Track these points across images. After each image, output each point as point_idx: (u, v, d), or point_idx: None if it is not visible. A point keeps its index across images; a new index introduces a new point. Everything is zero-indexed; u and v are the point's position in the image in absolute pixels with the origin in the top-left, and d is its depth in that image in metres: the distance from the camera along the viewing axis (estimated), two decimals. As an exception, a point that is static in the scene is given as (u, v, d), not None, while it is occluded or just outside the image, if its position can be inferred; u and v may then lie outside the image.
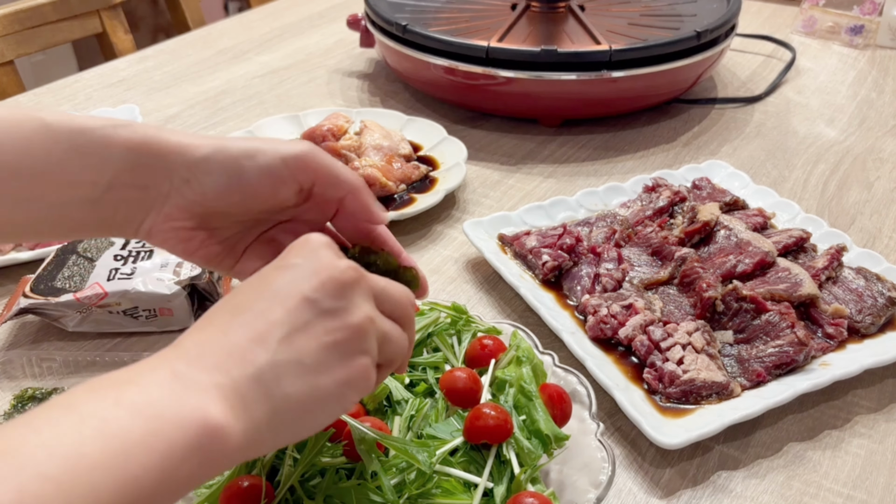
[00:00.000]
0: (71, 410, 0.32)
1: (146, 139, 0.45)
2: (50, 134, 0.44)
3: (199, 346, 0.37)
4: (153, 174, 0.46)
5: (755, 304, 0.71)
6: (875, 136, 1.11)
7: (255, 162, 0.46)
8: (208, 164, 0.46)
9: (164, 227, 0.48)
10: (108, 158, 0.45)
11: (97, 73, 1.30)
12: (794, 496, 0.60)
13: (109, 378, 0.34)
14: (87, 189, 0.45)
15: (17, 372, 0.69)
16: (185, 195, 0.46)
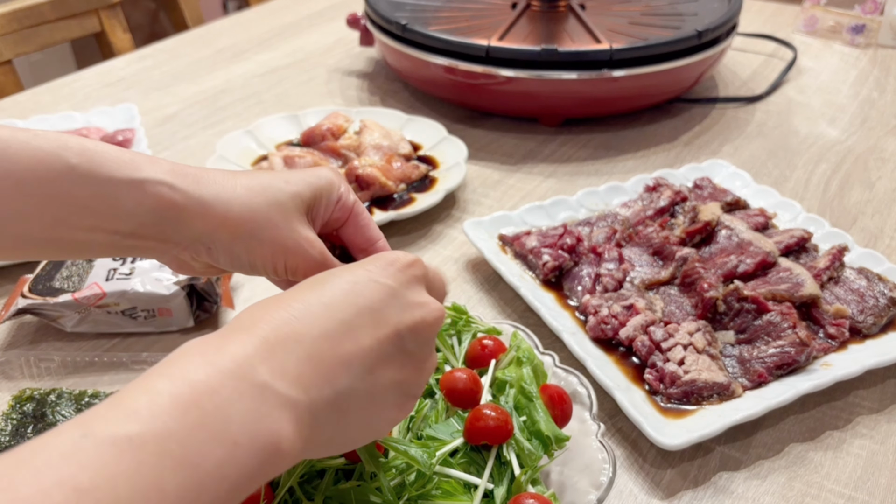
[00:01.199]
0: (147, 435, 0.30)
1: (174, 203, 0.45)
2: (74, 180, 0.43)
3: (282, 345, 0.36)
4: (176, 234, 0.46)
5: (756, 304, 0.71)
6: (877, 136, 1.11)
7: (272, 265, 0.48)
8: (230, 247, 0.47)
9: (179, 265, 0.49)
10: (132, 213, 0.45)
11: (96, 72, 1.30)
12: (796, 497, 0.60)
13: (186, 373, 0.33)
14: (108, 235, 0.45)
15: (16, 373, 0.68)
16: (202, 256, 0.48)
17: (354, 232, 0.51)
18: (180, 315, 0.73)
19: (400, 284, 0.41)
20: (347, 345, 0.37)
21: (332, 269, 0.43)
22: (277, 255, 0.47)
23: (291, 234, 0.47)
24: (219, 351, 0.34)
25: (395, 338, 0.39)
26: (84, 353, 0.70)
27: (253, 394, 0.33)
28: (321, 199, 0.49)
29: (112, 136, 1.02)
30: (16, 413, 0.64)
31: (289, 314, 0.37)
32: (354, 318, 0.38)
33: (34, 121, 1.06)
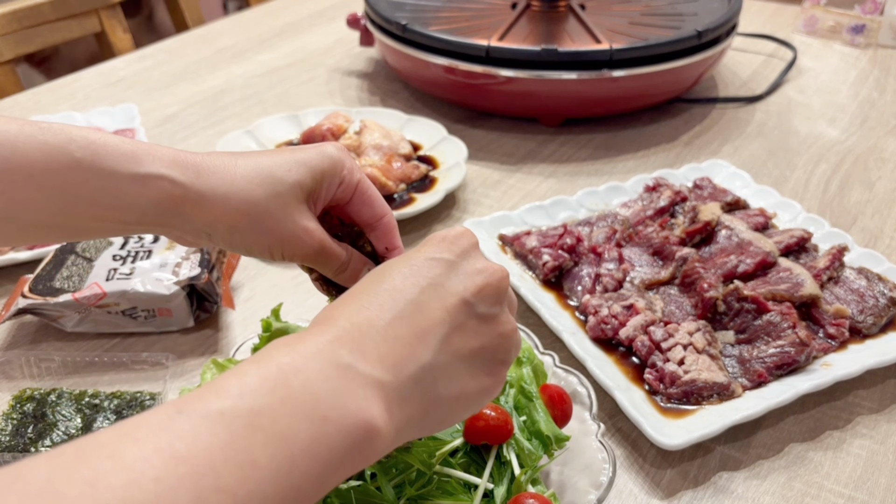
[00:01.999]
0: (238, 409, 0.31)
1: (176, 197, 0.47)
2: (80, 174, 0.45)
3: (360, 331, 0.37)
4: (178, 224, 0.48)
5: (756, 304, 0.71)
6: (877, 136, 1.11)
7: (269, 254, 0.50)
8: (230, 237, 0.49)
9: (185, 243, 0.51)
10: (135, 205, 0.47)
11: (96, 72, 1.30)
12: (796, 497, 0.60)
13: (272, 358, 0.34)
14: (114, 224, 0.48)
15: (16, 373, 0.68)
16: (203, 241, 0.50)
17: (360, 209, 0.53)
18: (180, 315, 0.73)
19: (455, 255, 0.42)
20: (419, 320, 0.38)
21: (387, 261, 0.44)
22: (274, 246, 0.49)
23: (289, 225, 0.49)
24: (301, 341, 0.36)
25: (464, 305, 0.40)
26: (84, 353, 0.70)
27: (338, 374, 0.34)
28: (323, 182, 0.50)
29: (112, 136, 1.02)
30: (16, 413, 0.64)
31: (359, 304, 0.38)
32: (420, 295, 0.39)
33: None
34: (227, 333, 0.75)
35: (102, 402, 0.64)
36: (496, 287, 0.42)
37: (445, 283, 0.40)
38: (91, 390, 0.66)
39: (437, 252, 0.42)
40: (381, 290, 0.39)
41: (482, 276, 0.41)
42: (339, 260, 0.51)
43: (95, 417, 0.63)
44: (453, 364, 0.39)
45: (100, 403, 0.64)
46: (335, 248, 0.51)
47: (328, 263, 0.51)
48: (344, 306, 0.39)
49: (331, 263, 0.51)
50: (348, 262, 0.52)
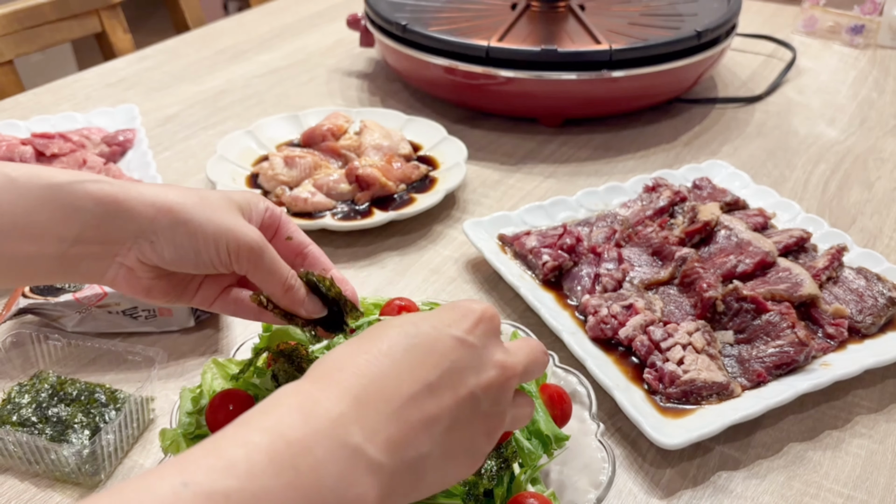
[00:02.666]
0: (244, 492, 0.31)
1: (115, 196, 0.46)
2: (16, 189, 0.45)
3: (375, 407, 0.37)
4: (119, 231, 0.47)
5: (756, 304, 0.71)
6: (876, 136, 1.11)
7: (214, 249, 0.48)
8: (172, 236, 0.47)
9: (126, 278, 0.49)
10: (75, 213, 0.46)
11: (96, 72, 1.30)
12: (795, 496, 0.60)
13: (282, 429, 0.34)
14: (53, 244, 0.46)
15: (15, 368, 0.69)
16: (146, 255, 0.48)
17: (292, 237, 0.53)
18: (181, 315, 0.73)
19: (478, 340, 0.41)
20: (430, 407, 0.38)
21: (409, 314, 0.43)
22: (219, 238, 0.47)
23: (227, 217, 0.48)
24: (314, 405, 0.35)
25: (471, 399, 0.40)
26: (85, 339, 0.70)
27: (345, 456, 0.34)
28: (249, 204, 0.51)
29: (113, 137, 1.02)
30: (33, 390, 0.64)
31: (378, 370, 0.38)
32: (438, 379, 0.39)
33: (35, 121, 1.06)
34: (228, 333, 0.75)
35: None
36: (503, 386, 0.42)
37: (463, 371, 0.40)
38: (69, 377, 0.66)
39: (466, 333, 0.41)
40: (404, 361, 0.39)
41: (496, 371, 0.41)
42: (284, 268, 0.50)
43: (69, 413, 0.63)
44: (445, 455, 0.39)
45: (76, 396, 0.64)
46: (277, 255, 0.50)
47: (274, 269, 0.49)
48: (361, 363, 0.38)
49: (278, 270, 0.49)
50: (294, 279, 0.50)
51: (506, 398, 0.42)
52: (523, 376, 0.44)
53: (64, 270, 0.48)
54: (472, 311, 0.43)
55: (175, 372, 0.71)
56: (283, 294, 0.50)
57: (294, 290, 0.50)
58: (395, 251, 0.87)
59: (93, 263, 0.48)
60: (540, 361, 0.45)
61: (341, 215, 0.90)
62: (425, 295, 0.80)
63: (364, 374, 0.38)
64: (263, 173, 0.95)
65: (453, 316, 0.42)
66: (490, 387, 0.41)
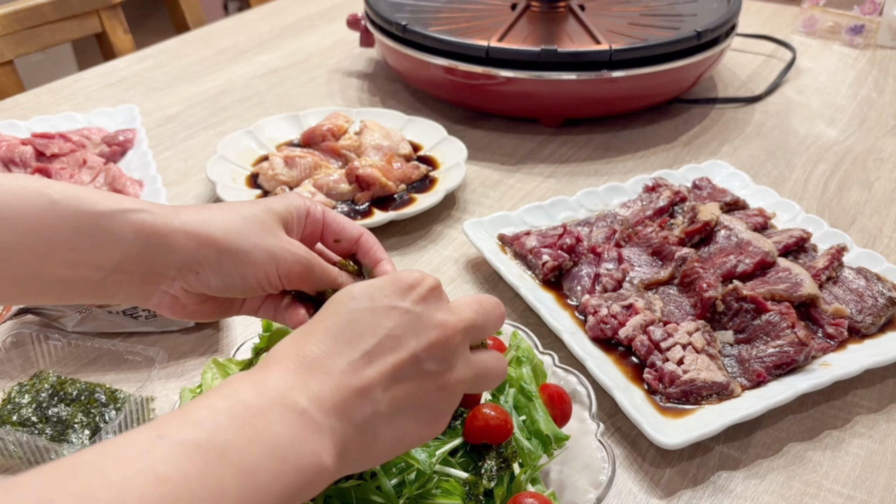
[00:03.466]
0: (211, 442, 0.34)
1: (157, 229, 0.46)
2: (57, 214, 0.44)
3: (317, 377, 0.39)
4: (161, 262, 0.47)
5: (755, 304, 0.71)
6: (875, 136, 1.11)
7: (264, 274, 0.49)
8: (218, 266, 0.48)
9: (170, 305, 0.50)
10: (116, 244, 0.46)
11: (97, 72, 1.30)
12: (795, 496, 0.60)
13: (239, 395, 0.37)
14: (92, 271, 0.46)
15: (15, 368, 0.69)
16: (192, 285, 0.48)
17: (337, 234, 0.54)
18: (181, 315, 0.74)
19: (416, 306, 0.43)
20: (368, 372, 0.40)
21: (349, 286, 0.45)
22: (268, 262, 0.48)
23: (274, 239, 0.49)
24: (264, 381, 0.39)
25: (413, 359, 0.42)
26: (86, 339, 0.70)
27: (295, 419, 0.37)
28: (292, 212, 0.51)
29: (113, 137, 1.03)
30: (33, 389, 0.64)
31: (319, 349, 0.41)
32: (375, 347, 0.41)
33: (35, 121, 1.06)
34: (228, 333, 0.75)
35: (80, 394, 0.64)
36: (445, 345, 0.43)
37: (401, 337, 0.42)
38: (70, 377, 0.66)
39: (399, 299, 0.43)
40: (339, 335, 0.41)
41: (436, 331, 0.43)
42: (332, 275, 0.51)
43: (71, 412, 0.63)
44: (394, 414, 0.41)
45: (76, 396, 0.64)
46: (323, 262, 0.51)
47: (323, 279, 0.51)
48: (302, 346, 0.41)
49: (326, 279, 0.51)
50: (340, 280, 0.52)
51: (454, 355, 0.43)
52: (470, 331, 0.44)
53: (101, 296, 0.48)
54: (406, 282, 0.44)
55: (175, 372, 0.71)
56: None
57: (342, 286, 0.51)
58: (395, 251, 0.87)
59: (134, 290, 0.48)
60: (491, 314, 0.46)
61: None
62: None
63: (307, 354, 0.40)
64: (263, 173, 0.95)
65: (391, 287, 0.43)
66: (431, 346, 0.42)
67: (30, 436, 0.59)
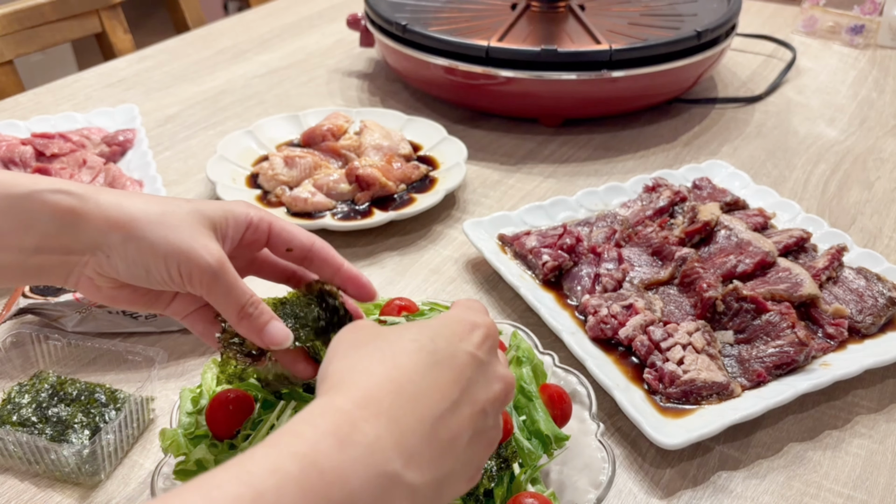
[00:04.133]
0: None
1: (72, 208, 0.46)
2: None
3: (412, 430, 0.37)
4: (75, 243, 0.46)
5: (756, 304, 0.71)
6: (875, 136, 1.11)
7: (165, 268, 0.46)
8: (124, 251, 0.46)
9: (88, 285, 0.49)
10: (33, 224, 0.45)
11: (97, 72, 1.30)
12: (795, 496, 0.60)
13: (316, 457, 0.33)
14: (13, 253, 0.46)
15: (15, 368, 0.69)
16: (103, 267, 0.47)
17: (287, 243, 0.51)
18: (181, 315, 0.73)
19: (485, 355, 0.43)
20: (454, 424, 0.39)
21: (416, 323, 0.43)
22: (170, 258, 0.46)
23: (186, 237, 0.46)
24: (352, 430, 0.35)
25: (483, 414, 0.41)
26: (86, 339, 0.70)
27: (382, 484, 0.34)
28: (228, 217, 0.49)
29: (113, 137, 1.02)
30: (33, 389, 0.64)
31: (410, 389, 0.38)
32: (459, 396, 0.40)
33: (35, 121, 1.06)
34: (228, 333, 0.75)
35: (80, 394, 0.64)
36: (505, 399, 0.43)
37: (475, 387, 0.41)
38: (69, 378, 0.66)
39: (476, 348, 0.42)
40: (430, 379, 0.39)
41: (500, 384, 0.42)
42: (241, 294, 0.47)
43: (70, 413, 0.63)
44: (463, 470, 0.40)
45: (76, 396, 0.64)
46: (239, 279, 0.47)
47: (230, 294, 0.47)
48: (395, 380, 0.38)
49: (233, 295, 0.47)
50: (252, 306, 0.47)
51: (503, 408, 0.43)
52: None
53: (27, 277, 0.48)
54: (478, 326, 0.44)
55: (175, 372, 0.71)
56: (238, 321, 0.47)
57: (252, 318, 0.47)
58: (395, 251, 0.87)
59: (54, 271, 0.48)
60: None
61: (341, 215, 0.90)
62: (425, 295, 0.80)
63: (398, 392, 0.37)
64: (263, 173, 0.95)
65: (462, 330, 0.43)
66: (496, 400, 0.42)
67: (30, 436, 0.59)
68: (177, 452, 0.54)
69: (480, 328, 0.43)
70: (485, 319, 0.44)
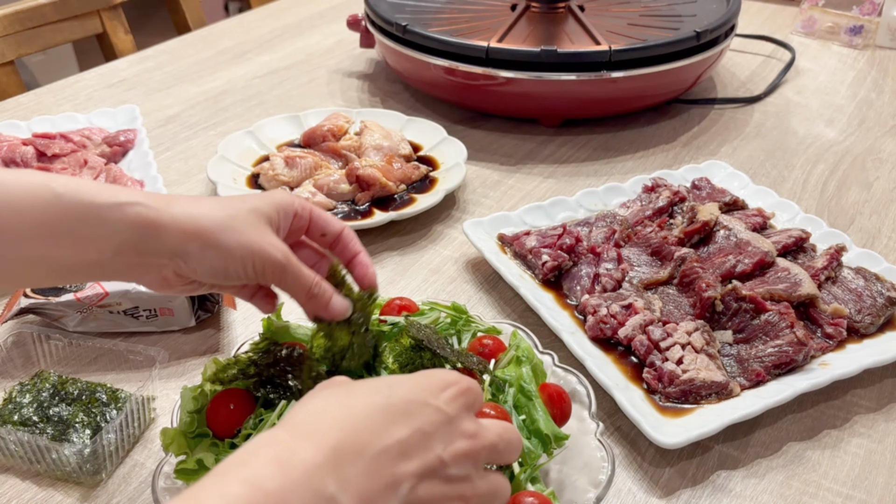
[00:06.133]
0: None
1: (150, 220, 0.50)
2: (61, 205, 0.48)
3: (349, 458, 0.38)
4: (155, 250, 0.51)
5: (754, 303, 0.71)
6: (874, 137, 1.11)
7: (241, 268, 0.52)
8: (202, 258, 0.51)
9: (161, 284, 0.54)
10: (113, 234, 0.49)
11: (98, 73, 1.30)
12: (794, 496, 0.60)
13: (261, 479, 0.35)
14: (93, 257, 0.50)
15: (16, 368, 0.69)
16: (182, 269, 0.52)
17: (322, 229, 0.57)
18: (182, 315, 0.74)
19: (454, 412, 0.43)
20: (400, 465, 0.40)
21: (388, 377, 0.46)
22: (246, 259, 0.51)
23: (254, 237, 0.52)
24: (292, 456, 0.37)
25: (439, 464, 0.42)
26: (86, 339, 0.71)
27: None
28: (279, 211, 0.54)
29: (114, 137, 1.03)
30: (35, 389, 0.64)
31: (353, 422, 0.40)
32: (409, 438, 0.41)
33: (36, 121, 1.06)
34: (229, 333, 0.75)
35: (81, 394, 0.65)
36: (475, 457, 0.43)
37: (434, 436, 0.42)
38: (71, 377, 0.66)
39: (442, 402, 0.43)
40: (379, 418, 0.41)
41: (468, 443, 0.43)
42: (307, 279, 0.53)
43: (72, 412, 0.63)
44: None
45: (77, 396, 0.65)
46: (302, 266, 0.53)
47: (298, 281, 0.53)
48: (340, 416, 0.40)
49: (300, 281, 0.53)
50: (317, 287, 0.54)
51: (475, 469, 0.44)
52: (493, 453, 0.45)
53: (104, 277, 0.52)
54: (450, 383, 0.44)
55: (176, 371, 0.71)
56: (306, 301, 0.54)
57: (317, 297, 0.53)
58: (395, 251, 0.87)
59: (129, 274, 0.52)
60: (513, 442, 0.46)
61: (342, 215, 0.90)
62: (425, 295, 0.80)
63: (341, 426, 0.40)
64: (264, 173, 0.95)
65: (431, 384, 0.44)
66: (457, 455, 0.42)
67: (31, 435, 0.60)
68: (178, 452, 0.54)
69: (455, 386, 0.44)
70: (465, 380, 0.45)
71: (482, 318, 0.65)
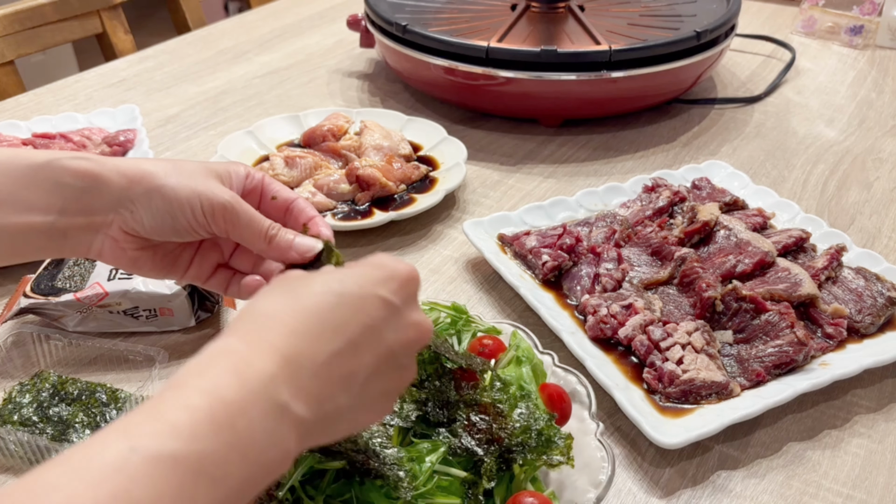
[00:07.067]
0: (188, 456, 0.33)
1: (91, 170, 0.49)
2: (2, 169, 0.48)
3: (300, 365, 0.39)
4: (99, 203, 0.50)
5: (755, 303, 0.71)
6: (874, 137, 1.11)
7: (189, 210, 0.50)
8: (148, 202, 0.50)
9: (112, 249, 0.52)
10: (57, 188, 0.49)
11: (97, 73, 1.30)
12: (794, 496, 0.60)
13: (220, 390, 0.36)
14: (40, 216, 0.49)
15: (16, 368, 0.69)
16: (128, 223, 0.50)
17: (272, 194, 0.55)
18: (182, 315, 0.74)
19: (401, 301, 0.43)
20: (351, 363, 0.41)
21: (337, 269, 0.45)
22: (193, 199, 0.50)
23: (202, 181, 0.50)
24: (247, 367, 0.37)
25: (390, 355, 0.42)
26: (85, 338, 0.71)
27: (275, 414, 0.37)
28: (230, 171, 0.53)
29: (114, 137, 1.03)
30: (34, 389, 0.64)
31: (305, 327, 0.40)
32: (359, 336, 0.41)
33: (36, 121, 1.06)
34: (229, 333, 0.75)
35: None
36: (420, 343, 0.44)
37: (384, 329, 0.42)
38: (70, 377, 0.66)
39: (389, 292, 0.43)
40: (329, 319, 0.41)
41: (414, 330, 0.44)
42: (262, 220, 0.51)
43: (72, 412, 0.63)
44: (361, 405, 0.42)
45: (77, 396, 0.64)
46: (255, 210, 0.51)
47: (252, 224, 0.51)
48: (291, 320, 0.40)
49: (255, 224, 0.51)
50: (274, 227, 0.51)
51: (420, 349, 0.45)
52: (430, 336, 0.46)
53: (54, 243, 0.51)
54: (397, 272, 0.44)
55: (173, 371, 0.71)
56: (267, 246, 0.51)
57: (277, 238, 0.51)
58: (395, 251, 0.87)
59: (79, 235, 0.51)
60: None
61: (342, 215, 0.90)
62: (425, 295, 0.80)
63: (292, 331, 0.39)
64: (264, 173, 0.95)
65: (379, 275, 0.44)
66: (407, 344, 0.43)
67: (31, 435, 0.60)
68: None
69: (400, 275, 0.44)
70: (405, 267, 0.45)
71: (482, 318, 0.65)
